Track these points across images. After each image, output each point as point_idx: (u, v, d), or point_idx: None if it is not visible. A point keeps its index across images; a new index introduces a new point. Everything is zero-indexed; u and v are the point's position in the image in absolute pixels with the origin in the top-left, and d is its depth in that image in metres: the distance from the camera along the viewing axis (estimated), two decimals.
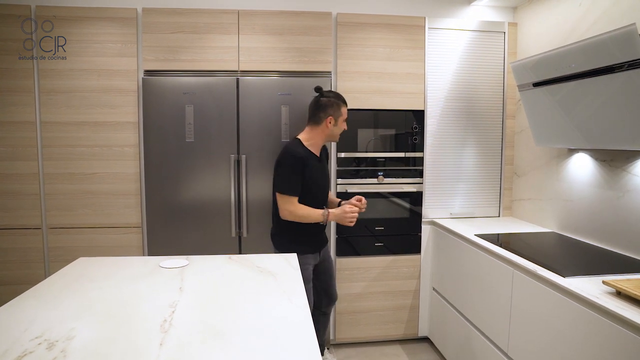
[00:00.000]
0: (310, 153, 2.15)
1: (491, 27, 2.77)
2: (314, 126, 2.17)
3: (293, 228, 2.15)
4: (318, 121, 2.15)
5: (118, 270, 1.63)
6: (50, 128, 2.50)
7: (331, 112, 2.15)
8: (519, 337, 1.87)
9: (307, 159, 2.11)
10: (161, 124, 2.49)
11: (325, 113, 2.14)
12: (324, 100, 2.15)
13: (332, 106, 2.14)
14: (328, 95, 2.17)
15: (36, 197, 2.52)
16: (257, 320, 1.21)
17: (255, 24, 2.55)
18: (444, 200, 2.83)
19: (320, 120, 2.15)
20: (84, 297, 1.36)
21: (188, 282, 1.52)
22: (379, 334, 2.82)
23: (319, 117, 2.15)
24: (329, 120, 2.15)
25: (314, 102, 2.18)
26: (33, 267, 2.54)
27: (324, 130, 2.16)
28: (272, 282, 1.52)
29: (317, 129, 2.16)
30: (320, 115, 2.15)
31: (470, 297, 2.31)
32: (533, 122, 2.29)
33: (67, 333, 1.10)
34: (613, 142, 1.85)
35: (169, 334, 1.11)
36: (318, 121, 2.15)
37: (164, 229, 2.54)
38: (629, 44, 1.57)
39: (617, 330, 1.35)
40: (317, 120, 2.16)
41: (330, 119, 2.14)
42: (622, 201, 2.00)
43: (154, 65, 2.51)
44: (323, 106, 2.14)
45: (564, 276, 1.66)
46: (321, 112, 2.14)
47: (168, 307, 1.28)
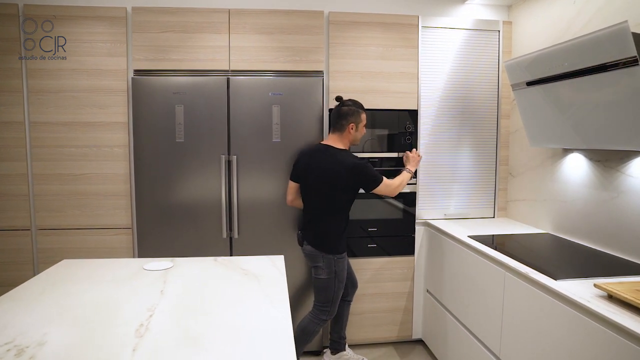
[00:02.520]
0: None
1: (485, 26, 2.74)
2: (338, 134, 2.33)
3: (341, 229, 2.32)
4: (341, 129, 2.32)
5: (101, 273, 1.61)
6: (39, 128, 2.47)
7: (352, 120, 2.31)
8: (511, 340, 1.84)
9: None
10: (151, 124, 2.47)
11: (347, 120, 2.30)
12: (345, 109, 2.31)
13: (353, 114, 2.31)
14: (348, 104, 2.33)
15: (25, 198, 2.50)
16: (236, 325, 1.18)
17: (246, 23, 2.52)
18: (438, 201, 2.80)
19: (343, 127, 2.31)
20: (62, 301, 1.33)
21: (170, 285, 1.49)
22: (372, 336, 2.79)
23: (342, 125, 2.31)
24: (350, 127, 2.31)
25: (335, 112, 2.34)
26: (22, 268, 2.51)
27: (348, 136, 2.33)
28: (256, 285, 1.49)
29: (342, 136, 2.33)
30: (342, 123, 2.31)
31: (463, 299, 2.28)
32: (527, 122, 2.26)
33: (39, 338, 1.07)
34: (607, 142, 1.82)
35: (144, 339, 1.08)
36: (341, 129, 2.32)
37: (154, 230, 2.51)
38: (622, 42, 1.54)
39: (608, 335, 1.32)
40: (341, 128, 2.32)
41: (352, 125, 2.31)
42: (616, 202, 1.96)
43: (143, 65, 2.49)
44: (344, 114, 2.31)
45: (556, 279, 1.63)
46: (343, 120, 2.31)
47: (146, 311, 1.25)
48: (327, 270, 2.30)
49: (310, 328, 2.36)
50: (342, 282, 2.35)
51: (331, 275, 2.30)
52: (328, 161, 2.28)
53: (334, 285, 2.32)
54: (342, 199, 2.30)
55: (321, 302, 2.36)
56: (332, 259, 2.30)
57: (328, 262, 2.30)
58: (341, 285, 2.36)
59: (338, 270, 2.32)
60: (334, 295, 2.34)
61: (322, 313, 2.36)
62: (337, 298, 2.36)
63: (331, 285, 2.31)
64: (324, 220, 2.32)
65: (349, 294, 2.57)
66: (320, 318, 2.36)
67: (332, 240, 2.31)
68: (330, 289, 2.32)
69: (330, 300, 2.34)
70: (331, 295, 2.33)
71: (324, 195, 2.29)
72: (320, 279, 2.32)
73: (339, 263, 2.32)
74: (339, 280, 2.33)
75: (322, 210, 2.32)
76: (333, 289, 2.32)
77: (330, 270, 2.30)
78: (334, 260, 2.30)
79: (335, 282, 2.32)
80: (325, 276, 2.31)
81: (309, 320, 2.37)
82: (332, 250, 2.30)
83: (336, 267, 2.31)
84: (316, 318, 2.36)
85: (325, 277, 2.31)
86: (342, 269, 2.34)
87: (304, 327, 2.36)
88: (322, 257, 2.30)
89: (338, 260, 2.32)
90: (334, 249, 2.31)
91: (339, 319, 2.57)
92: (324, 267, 2.30)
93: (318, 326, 2.37)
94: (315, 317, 2.37)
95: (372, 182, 2.27)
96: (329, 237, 2.31)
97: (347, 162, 2.24)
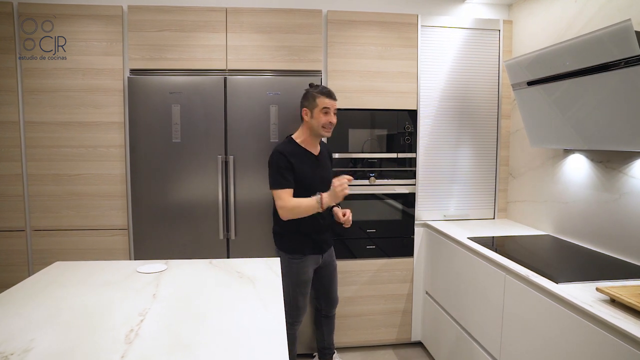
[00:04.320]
0: (301, 149, 2.14)
1: (486, 25, 2.70)
2: (301, 123, 2.18)
3: (293, 227, 2.11)
4: (301, 115, 2.15)
5: (93, 276, 1.58)
6: (34, 128, 2.44)
7: (305, 104, 2.12)
8: (511, 344, 1.81)
9: (294, 154, 2.09)
10: (147, 124, 2.44)
11: (301, 105, 2.14)
12: (303, 93, 2.16)
13: (307, 99, 2.12)
14: (308, 88, 2.16)
15: (20, 198, 2.47)
16: (229, 330, 1.15)
17: (243, 22, 2.49)
18: (438, 202, 2.77)
19: (300, 114, 2.15)
20: (52, 305, 1.30)
21: (163, 288, 1.46)
22: (371, 338, 2.76)
23: (300, 111, 2.15)
24: (304, 112, 2.13)
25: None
26: (16, 270, 2.48)
27: (306, 124, 2.13)
28: (251, 289, 1.47)
29: (303, 125, 2.16)
30: (300, 109, 2.14)
31: (462, 301, 2.25)
32: (528, 122, 2.23)
33: (25, 344, 1.04)
34: (609, 143, 1.79)
35: (133, 345, 1.05)
36: (301, 115, 2.15)
37: (150, 231, 2.48)
38: (625, 41, 1.51)
39: (610, 340, 1.29)
40: (301, 115, 2.15)
41: (305, 110, 2.12)
42: (618, 204, 1.93)
43: (139, 64, 2.46)
44: (301, 100, 2.16)
45: (557, 282, 1.60)
46: (300, 106, 2.15)
47: (137, 316, 1.22)
48: (282, 270, 2.05)
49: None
50: (298, 286, 2.15)
51: (285, 276, 2.06)
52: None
53: (287, 286, 2.10)
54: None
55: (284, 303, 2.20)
56: (285, 257, 2.12)
57: (282, 260, 2.08)
58: (299, 289, 2.16)
59: (292, 271, 2.13)
60: (290, 298, 2.14)
61: (286, 315, 2.14)
62: (296, 302, 2.16)
63: (285, 285, 2.03)
64: (274, 214, 2.19)
65: (322, 307, 2.40)
66: (286, 320, 2.20)
67: (280, 235, 2.18)
68: (285, 289, 2.04)
69: (288, 303, 2.11)
70: (287, 297, 2.10)
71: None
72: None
73: (293, 264, 2.13)
74: (293, 283, 2.14)
75: (273, 204, 2.17)
76: (288, 291, 2.11)
77: (285, 270, 2.08)
78: (287, 259, 2.13)
79: (289, 283, 2.12)
80: (282, 275, 2.10)
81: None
82: (282, 247, 2.16)
83: (289, 268, 2.12)
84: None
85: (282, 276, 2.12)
86: (299, 272, 2.14)
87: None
88: (278, 253, 2.18)
89: (291, 260, 2.13)
90: (283, 246, 2.16)
91: (318, 328, 2.46)
92: (281, 265, 2.06)
93: (288, 328, 2.16)
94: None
95: (270, 179, 2.07)
96: (277, 232, 2.20)
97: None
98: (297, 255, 2.16)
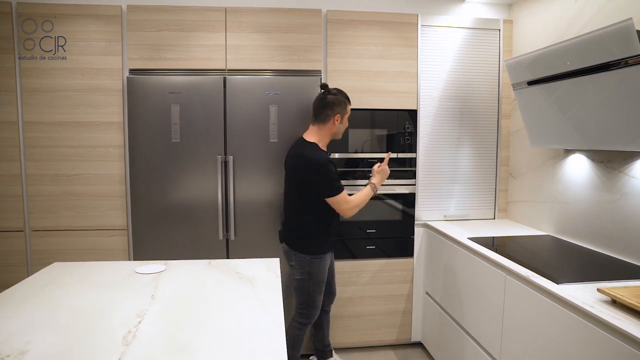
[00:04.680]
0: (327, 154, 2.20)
1: (486, 25, 2.70)
2: (321, 125, 2.16)
3: (322, 229, 2.18)
4: (326, 120, 2.15)
5: (91, 276, 1.57)
6: (32, 128, 2.44)
7: (338, 110, 2.15)
8: (511, 345, 1.80)
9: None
10: (146, 124, 2.43)
11: (332, 111, 2.14)
12: (331, 97, 2.14)
13: (340, 104, 2.15)
14: (334, 92, 2.17)
15: (18, 199, 2.46)
16: (226, 332, 1.15)
17: (242, 22, 2.49)
18: (438, 202, 2.76)
19: (328, 118, 2.14)
20: (49, 306, 1.29)
21: (162, 289, 1.45)
22: (371, 339, 2.75)
23: (327, 116, 2.14)
24: (336, 118, 2.15)
25: (319, 101, 2.16)
26: (15, 270, 2.47)
27: (331, 128, 2.16)
28: (250, 290, 1.46)
29: (325, 128, 2.16)
30: (327, 113, 2.14)
31: (463, 302, 2.24)
32: (528, 122, 2.22)
33: (21, 347, 1.03)
34: (610, 143, 1.78)
35: (130, 347, 1.04)
36: (326, 120, 2.15)
37: (150, 231, 2.48)
38: (626, 40, 1.50)
39: (612, 341, 1.28)
40: (325, 119, 2.15)
41: (337, 117, 2.15)
42: (619, 204, 1.92)
43: (139, 64, 2.45)
44: (330, 104, 2.13)
45: (558, 283, 1.59)
46: (328, 110, 2.14)
47: (135, 317, 1.22)
48: (300, 271, 2.17)
49: (290, 331, 2.23)
50: (318, 284, 2.20)
51: (305, 277, 2.16)
52: (295, 155, 2.14)
53: (308, 287, 2.17)
54: (310, 196, 2.12)
55: (298, 305, 2.24)
56: (305, 259, 2.16)
57: (301, 262, 2.16)
58: (318, 288, 2.21)
59: (313, 271, 2.17)
60: (310, 299, 2.20)
61: (300, 316, 2.24)
62: (314, 302, 2.21)
63: (305, 286, 2.17)
64: (296, 218, 2.20)
65: (325, 304, 2.43)
66: (298, 321, 2.25)
67: (305, 239, 2.18)
68: (305, 290, 2.18)
69: (306, 303, 2.19)
70: (306, 297, 2.18)
71: (293, 192, 2.18)
72: (295, 280, 2.20)
73: (314, 264, 2.16)
74: (314, 283, 2.18)
75: (294, 207, 2.20)
76: (308, 291, 2.18)
77: (304, 271, 2.16)
78: (308, 260, 2.16)
79: (310, 284, 2.17)
80: (298, 276, 2.18)
81: (289, 322, 2.27)
82: (304, 249, 2.16)
83: (310, 268, 2.16)
84: (294, 321, 2.26)
85: (299, 278, 2.18)
86: (319, 271, 2.19)
87: (286, 330, 2.25)
88: (295, 255, 2.18)
89: (312, 260, 2.16)
90: (307, 248, 2.16)
91: (319, 328, 2.47)
92: (297, 267, 2.17)
93: (298, 330, 2.24)
94: (294, 320, 2.26)
95: (326, 188, 2.06)
96: (301, 236, 2.18)
97: (308, 156, 2.07)
98: (319, 255, 2.18)
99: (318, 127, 2.17)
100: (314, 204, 2.13)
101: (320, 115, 2.15)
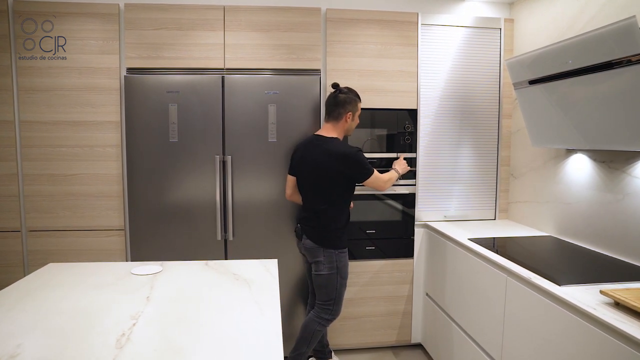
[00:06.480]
0: None
1: (487, 24, 2.67)
2: (335, 123, 2.26)
3: (344, 222, 2.27)
4: (338, 117, 2.25)
5: (86, 277, 1.55)
6: (29, 127, 2.42)
7: (350, 108, 2.25)
8: (512, 347, 1.78)
9: None
10: (144, 124, 2.41)
11: (344, 109, 2.24)
12: (342, 96, 2.24)
13: (351, 102, 2.25)
14: (344, 91, 2.26)
15: (15, 198, 2.44)
16: (222, 335, 1.12)
17: (241, 20, 2.46)
18: (438, 202, 2.74)
19: (340, 116, 2.25)
20: (42, 308, 1.27)
21: (157, 291, 1.43)
22: (370, 340, 2.72)
23: (339, 114, 2.25)
24: (348, 116, 2.25)
25: (332, 99, 2.26)
26: (12, 271, 2.45)
27: (344, 125, 2.27)
28: (246, 291, 1.43)
29: (338, 125, 2.26)
30: (340, 111, 2.24)
31: (463, 304, 2.22)
32: (529, 122, 2.20)
33: (12, 350, 1.01)
34: (612, 143, 1.76)
35: (124, 350, 1.02)
36: (338, 117, 2.25)
37: (147, 232, 2.45)
38: (629, 38, 1.48)
39: (615, 344, 1.26)
40: (337, 117, 2.25)
41: (349, 114, 2.25)
42: (622, 204, 1.90)
43: (136, 63, 2.43)
44: (342, 102, 2.24)
45: (560, 284, 1.57)
46: (341, 108, 2.24)
47: (130, 320, 1.19)
48: (328, 266, 2.21)
49: (310, 327, 2.25)
50: (344, 278, 2.26)
51: (333, 271, 2.21)
52: (318, 152, 2.20)
53: (335, 281, 2.23)
54: (336, 190, 2.21)
55: (323, 300, 2.25)
56: (333, 253, 2.21)
57: (329, 257, 2.21)
58: (344, 282, 2.26)
59: (340, 265, 2.23)
60: (337, 293, 2.25)
61: (324, 312, 2.26)
62: (340, 296, 2.26)
63: (332, 281, 2.22)
64: (321, 213, 2.22)
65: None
66: (321, 317, 2.26)
67: (332, 234, 2.22)
68: (331, 285, 2.22)
69: (332, 298, 2.24)
70: (333, 292, 2.23)
71: (318, 188, 2.22)
72: (321, 275, 2.22)
73: (341, 258, 2.24)
74: (341, 277, 2.24)
75: (318, 203, 2.23)
76: (335, 285, 2.23)
77: (332, 266, 2.21)
78: (335, 254, 2.22)
79: (337, 278, 2.23)
80: (326, 272, 2.21)
81: (310, 318, 2.27)
82: (332, 244, 2.21)
83: (338, 262, 2.22)
84: (317, 317, 2.26)
85: (326, 273, 2.21)
86: (345, 264, 2.26)
87: (305, 326, 2.26)
88: (323, 251, 2.21)
89: (340, 254, 2.23)
90: (334, 243, 2.22)
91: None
92: (325, 262, 2.21)
93: (319, 325, 2.26)
94: (317, 316, 2.26)
95: (362, 173, 2.19)
96: (328, 231, 2.22)
97: (337, 151, 2.16)
98: (344, 249, 2.27)
99: (332, 125, 2.27)
100: (340, 198, 2.23)
101: (333, 113, 2.25)
